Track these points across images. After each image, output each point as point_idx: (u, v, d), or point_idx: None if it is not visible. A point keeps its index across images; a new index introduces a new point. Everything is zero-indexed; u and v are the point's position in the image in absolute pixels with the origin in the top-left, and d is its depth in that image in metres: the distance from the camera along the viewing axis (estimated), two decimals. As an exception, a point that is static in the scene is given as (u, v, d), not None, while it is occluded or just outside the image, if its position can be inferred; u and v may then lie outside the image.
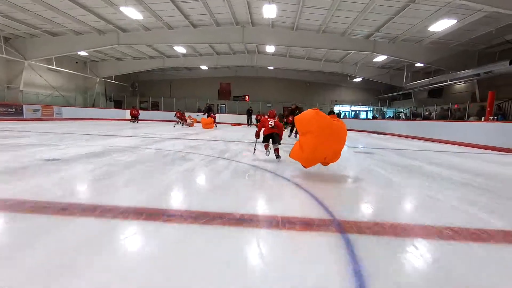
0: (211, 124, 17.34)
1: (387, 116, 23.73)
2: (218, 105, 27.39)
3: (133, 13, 11.64)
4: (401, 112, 23.31)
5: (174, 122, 19.94)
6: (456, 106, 19.33)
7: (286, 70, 26.19)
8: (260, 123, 5.45)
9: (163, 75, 27.43)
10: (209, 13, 12.91)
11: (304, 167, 3.96)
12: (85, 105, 21.31)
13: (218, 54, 20.79)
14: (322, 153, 3.57)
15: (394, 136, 15.23)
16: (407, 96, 22.80)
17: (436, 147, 9.90)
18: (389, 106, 25.97)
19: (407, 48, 14.31)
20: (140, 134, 9.30)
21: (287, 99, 26.68)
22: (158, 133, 9.95)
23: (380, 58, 16.40)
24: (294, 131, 11.32)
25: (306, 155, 3.59)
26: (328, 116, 3.70)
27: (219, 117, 25.41)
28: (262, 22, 14.22)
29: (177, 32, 14.81)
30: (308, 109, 3.84)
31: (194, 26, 14.49)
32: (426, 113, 16.14)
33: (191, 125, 15.76)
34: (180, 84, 27.74)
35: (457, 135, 11.19)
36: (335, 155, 3.76)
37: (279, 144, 5.11)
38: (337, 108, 27.13)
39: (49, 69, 17.95)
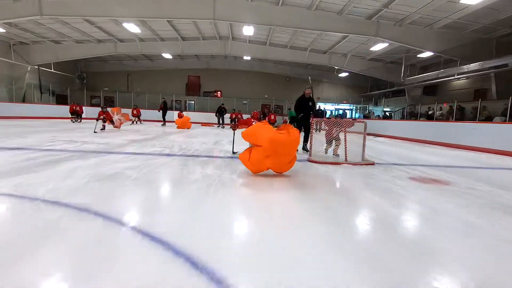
0: (188, 123, 14.20)
1: (376, 115, 21.51)
2: (186, 102, 23.68)
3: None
4: (390, 111, 21.24)
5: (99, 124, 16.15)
6: (445, 104, 17.44)
7: (264, 63, 23.14)
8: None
9: (120, 65, 23.14)
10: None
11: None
12: (11, 100, 16.65)
13: (184, 39, 17.16)
14: (265, 165, 3.64)
15: (397, 140, 12.73)
16: (397, 93, 20.73)
17: (474, 156, 7.35)
18: (376, 104, 23.88)
19: (415, 32, 11.77)
20: (35, 145, 5.66)
21: (265, 96, 23.65)
22: (77, 139, 6.38)
23: (380, 46, 13.83)
24: None
25: (252, 165, 3.66)
26: (274, 130, 3.70)
27: (186, 115, 21.81)
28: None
29: (124, 1, 11.07)
30: (257, 123, 3.97)
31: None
32: (430, 111, 13.84)
33: (117, 126, 10.64)
34: (140, 77, 23.59)
35: (482, 140, 8.80)
36: (281, 167, 3.76)
37: None
38: (327, 107, 24.57)
39: (-49, 50, 13.32)
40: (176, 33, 16.09)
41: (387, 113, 19.94)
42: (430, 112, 13.85)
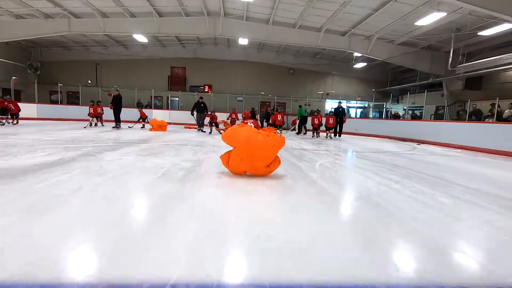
0: (164, 127, 11.03)
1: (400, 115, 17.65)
2: (168, 98, 19.50)
3: None
4: (416, 108, 17.37)
5: (87, 122, 11.93)
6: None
7: (263, 51, 19.10)
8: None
9: (85, 53, 18.83)
10: None
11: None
12: None
13: (160, 14, 13.04)
14: (241, 168, 3.56)
15: (457, 149, 8.87)
16: (426, 88, 16.94)
17: None
18: (397, 101, 20.09)
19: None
20: None
21: (264, 91, 19.61)
22: None
23: (433, 17, 9.86)
24: None
25: (230, 168, 3.63)
26: (253, 131, 3.46)
27: (169, 115, 17.67)
28: None
29: None
30: (236, 125, 3.95)
31: None
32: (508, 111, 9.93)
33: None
34: (112, 68, 19.32)
35: None
36: (258, 171, 3.53)
37: None
38: (331, 105, 20.66)
39: None
40: (150, 6, 11.96)
41: (416, 112, 16.10)
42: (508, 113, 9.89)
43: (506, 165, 6.07)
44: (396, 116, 14.98)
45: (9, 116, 11.16)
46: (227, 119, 14.10)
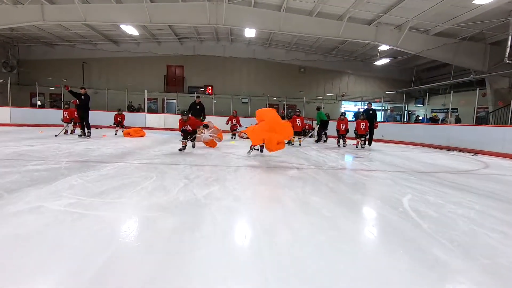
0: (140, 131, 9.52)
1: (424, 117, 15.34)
2: (164, 100, 17.30)
3: None
4: (452, 111, 15.02)
5: (61, 128, 9.73)
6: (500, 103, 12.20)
7: (271, 48, 16.96)
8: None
9: (71, 50, 16.75)
10: None
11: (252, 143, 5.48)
12: None
13: (152, 0, 10.89)
14: (261, 137, 5.09)
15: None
16: (461, 88, 14.70)
17: None
18: (422, 103, 17.82)
19: None
20: None
21: (273, 92, 17.41)
22: None
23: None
24: None
25: (252, 135, 5.16)
26: (276, 114, 5.38)
27: (164, 119, 15.49)
28: None
29: None
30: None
31: None
32: None
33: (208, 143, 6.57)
34: (101, 66, 17.20)
35: None
36: (271, 146, 5.03)
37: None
38: (345, 107, 18.44)
39: None
40: (138, -13, 9.82)
41: (455, 115, 13.79)
42: None
43: None
44: (434, 120, 12.69)
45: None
46: (226, 123, 11.88)
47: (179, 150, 5.88)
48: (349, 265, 1.49)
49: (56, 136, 8.78)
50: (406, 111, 19.08)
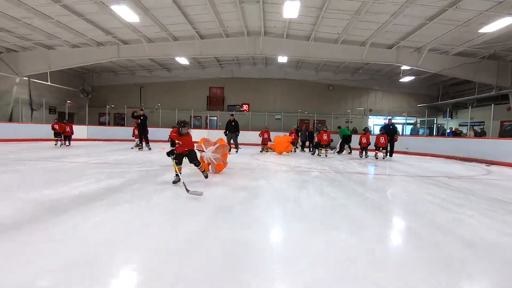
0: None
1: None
2: (207, 118, 19.70)
3: None
4: (477, 124, 15.53)
5: (133, 142, 12.16)
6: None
7: (301, 69, 18.74)
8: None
9: (132, 77, 19.88)
10: None
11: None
12: (-5, 119, 13.54)
13: (202, 37, 13.28)
14: (283, 149, 10.50)
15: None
16: (481, 102, 15.21)
17: None
18: (450, 116, 18.31)
19: None
20: None
21: (303, 109, 19.04)
22: None
23: (500, 24, 8.76)
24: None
25: (277, 149, 10.62)
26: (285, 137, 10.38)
27: (207, 134, 17.71)
28: None
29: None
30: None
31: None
32: None
33: (216, 168, 5.42)
34: (155, 90, 20.14)
35: None
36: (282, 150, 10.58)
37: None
38: (373, 121, 19.48)
39: None
40: (192, 29, 12.21)
41: (479, 129, 14.36)
42: None
43: None
44: (456, 133, 13.44)
45: (62, 138, 11.72)
46: (259, 136, 13.07)
47: (174, 182, 4.13)
48: (344, 216, 3.15)
49: (132, 148, 11.15)
50: (435, 125, 19.62)
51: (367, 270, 1.72)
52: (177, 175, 4.12)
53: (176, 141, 4.20)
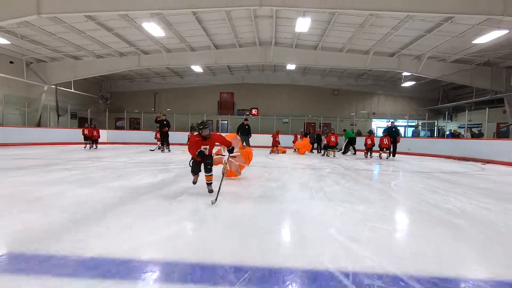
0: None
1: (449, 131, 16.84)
2: (218, 122, 20.74)
3: None
4: (475, 126, 16.45)
5: (155, 146, 13.19)
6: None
7: (308, 75, 19.76)
8: None
9: (146, 83, 21.00)
10: None
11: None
12: (24, 124, 14.63)
13: (217, 47, 14.34)
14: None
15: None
16: (483, 105, 16.09)
17: None
18: (450, 119, 19.23)
19: None
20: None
21: (309, 112, 20.04)
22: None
23: (493, 35, 9.72)
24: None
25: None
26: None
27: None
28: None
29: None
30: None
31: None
32: None
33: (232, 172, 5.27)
34: (169, 96, 21.23)
35: None
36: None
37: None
38: (376, 124, 20.42)
39: (-47, 67, 11.46)
40: (208, 40, 13.28)
41: (476, 130, 15.28)
42: None
43: None
44: (454, 135, 14.36)
45: (91, 142, 12.77)
46: (272, 137, 13.94)
47: (194, 182, 3.99)
48: (356, 196, 4.13)
49: (152, 150, 12.17)
50: (436, 127, 20.51)
51: (374, 221, 2.71)
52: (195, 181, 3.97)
53: (202, 147, 3.66)
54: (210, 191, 3.76)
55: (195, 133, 3.95)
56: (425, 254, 1.99)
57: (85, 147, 12.65)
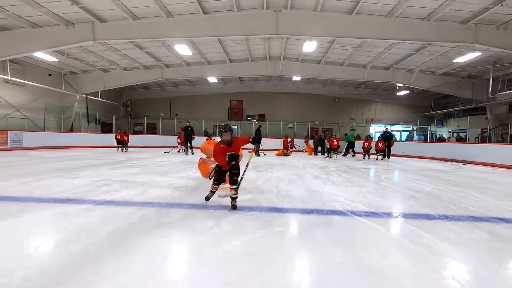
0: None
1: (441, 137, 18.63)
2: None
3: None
4: (461, 131, 18.25)
5: (172, 148, 14.95)
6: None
7: (311, 83, 21.61)
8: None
9: (162, 92, 22.82)
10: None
11: None
12: (59, 129, 16.42)
13: (232, 61, 16.17)
14: None
15: (501, 168, 10.08)
16: (469, 112, 17.93)
17: None
18: (441, 125, 21.03)
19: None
20: (101, 189, 4.23)
21: (312, 118, 21.86)
22: (132, 179, 4.93)
23: (469, 56, 11.57)
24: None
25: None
26: None
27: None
28: (305, 4, 9.63)
29: (178, 21, 10.12)
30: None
31: (205, 11, 9.84)
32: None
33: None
34: (183, 103, 23.05)
35: None
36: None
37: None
38: (374, 129, 22.21)
39: (6, 81, 13.24)
40: (225, 55, 15.10)
41: (462, 135, 17.08)
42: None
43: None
44: (441, 139, 16.12)
45: (122, 145, 14.53)
46: (284, 141, 15.89)
47: (207, 199, 3.66)
48: (355, 183, 5.92)
49: (179, 151, 13.91)
50: (429, 132, 22.31)
51: (365, 194, 4.48)
52: (212, 192, 3.64)
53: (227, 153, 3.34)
54: (234, 207, 3.32)
55: (215, 139, 3.77)
56: (390, 205, 3.77)
57: (117, 150, 14.43)
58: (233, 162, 3.41)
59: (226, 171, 3.48)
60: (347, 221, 3.04)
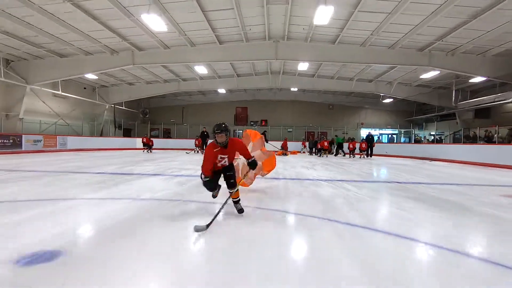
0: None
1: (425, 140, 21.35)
2: (234, 131, 25.32)
3: (156, 23, 9.43)
4: (439, 134, 20.96)
5: (190, 150, 17.73)
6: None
7: (307, 92, 24.42)
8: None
9: (175, 100, 25.68)
10: (241, 25, 11.06)
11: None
12: (92, 134, 19.27)
13: (238, 75, 19.02)
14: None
15: (458, 164, 12.79)
16: (446, 117, 20.64)
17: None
18: (423, 128, 23.74)
19: (468, 60, 12.31)
20: (168, 171, 7.00)
21: (309, 123, 24.65)
22: (180, 166, 7.67)
23: (430, 74, 14.35)
24: None
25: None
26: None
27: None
28: (298, 37, 12.43)
29: (199, 50, 12.97)
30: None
31: (221, 42, 12.67)
32: (488, 134, 13.77)
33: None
34: (194, 110, 25.90)
35: None
36: None
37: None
38: (365, 133, 24.95)
39: (55, 95, 16.10)
40: (233, 71, 17.93)
41: (438, 137, 19.78)
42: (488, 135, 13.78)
43: (475, 171, 10.22)
44: (417, 141, 18.81)
45: (147, 147, 17.33)
46: (282, 145, 18.78)
47: (213, 196, 3.48)
48: (337, 173, 8.71)
49: (197, 152, 16.68)
50: (413, 135, 25.02)
51: (332, 174, 7.24)
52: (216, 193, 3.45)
53: (220, 157, 3.09)
54: (240, 210, 3.14)
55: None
56: (340, 177, 6.52)
57: (143, 151, 17.24)
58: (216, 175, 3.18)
59: (218, 177, 3.20)
60: (312, 182, 5.80)
